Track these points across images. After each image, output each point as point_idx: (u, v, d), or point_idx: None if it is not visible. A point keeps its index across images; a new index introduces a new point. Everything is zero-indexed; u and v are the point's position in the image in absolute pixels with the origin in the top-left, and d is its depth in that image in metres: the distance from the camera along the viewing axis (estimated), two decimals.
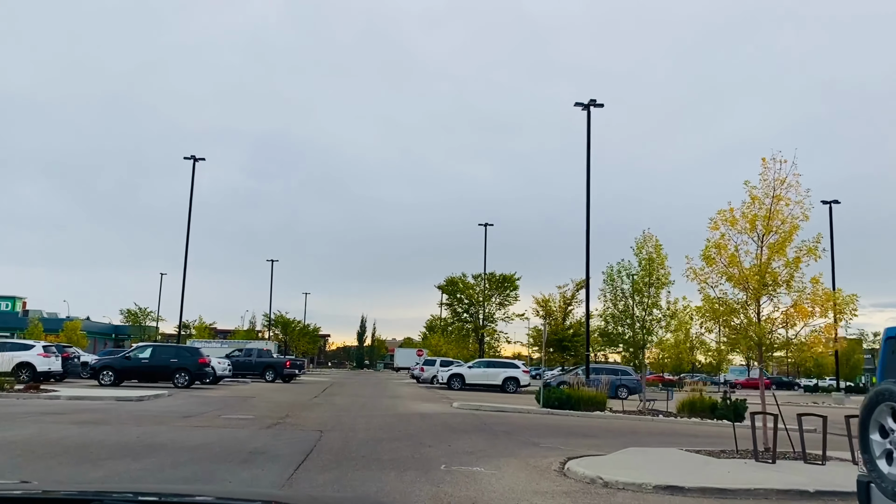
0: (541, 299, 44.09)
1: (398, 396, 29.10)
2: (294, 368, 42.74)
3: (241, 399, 23.67)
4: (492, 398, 30.75)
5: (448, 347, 69.73)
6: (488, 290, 44.45)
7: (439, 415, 19.55)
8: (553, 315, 43.60)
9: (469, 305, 45.55)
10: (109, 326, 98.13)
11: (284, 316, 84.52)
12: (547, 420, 19.71)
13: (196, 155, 41.83)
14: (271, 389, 31.69)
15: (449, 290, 46.44)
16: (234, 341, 57.21)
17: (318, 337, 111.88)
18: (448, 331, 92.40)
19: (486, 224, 53.40)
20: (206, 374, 30.74)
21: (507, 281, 47.66)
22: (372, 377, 72.84)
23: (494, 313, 46.74)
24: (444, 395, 32.14)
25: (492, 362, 39.71)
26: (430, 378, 45.18)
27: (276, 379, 40.81)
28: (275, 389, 31.86)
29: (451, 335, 48.75)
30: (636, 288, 22.94)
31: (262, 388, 32.24)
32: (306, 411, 19.43)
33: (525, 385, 38.77)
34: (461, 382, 38.19)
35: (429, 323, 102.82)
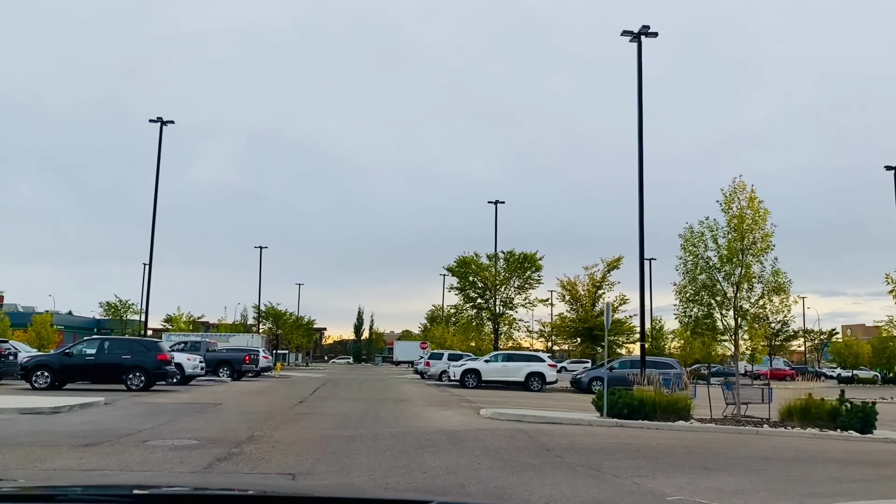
0: (566, 282, 38.31)
1: (406, 399, 23.29)
2: (253, 364, 36.79)
3: (200, 407, 17.83)
4: (521, 399, 24.99)
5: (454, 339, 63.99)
6: (506, 272, 38.58)
7: (472, 432, 13.74)
8: (580, 300, 37.87)
9: (484, 290, 40.00)
10: (91, 321, 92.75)
11: (275, 307, 78.60)
12: (624, 438, 13.93)
13: (163, 117, 35.89)
14: (247, 392, 25.85)
15: (460, 272, 40.58)
16: (217, 334, 51.42)
17: (312, 330, 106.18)
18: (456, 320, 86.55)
19: (497, 202, 47.77)
20: (168, 374, 24.88)
21: (528, 261, 41.35)
22: (370, 372, 67.03)
23: (513, 298, 41.74)
24: (460, 395, 26.37)
25: (512, 355, 33.95)
26: (437, 374, 39.40)
27: (232, 376, 34.96)
28: (252, 392, 26.02)
29: (462, 325, 42.61)
30: (726, 255, 17.17)
31: (238, 391, 26.43)
32: (282, 428, 13.62)
33: (552, 382, 33.05)
34: (477, 379, 32.44)
35: (430, 314, 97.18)
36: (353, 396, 24.31)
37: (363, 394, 26.32)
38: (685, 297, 17.46)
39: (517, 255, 40.17)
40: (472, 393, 28.48)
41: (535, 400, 25.77)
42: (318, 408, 18.75)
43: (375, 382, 37.96)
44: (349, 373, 60.91)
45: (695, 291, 17.44)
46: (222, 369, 35.03)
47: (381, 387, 32.73)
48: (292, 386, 31.67)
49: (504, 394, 29.05)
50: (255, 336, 48.51)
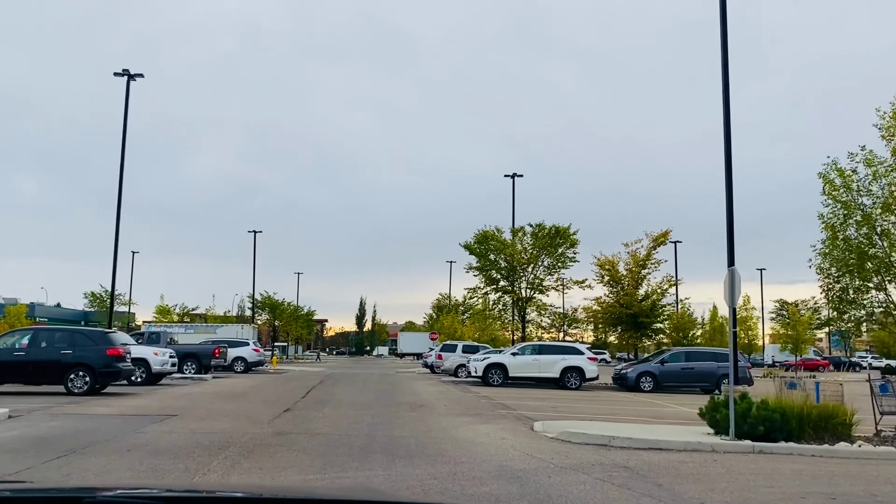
0: (604, 260, 32.80)
1: (424, 405, 18.03)
2: (222, 358, 31.52)
3: (140, 424, 12.55)
4: (566, 402, 19.80)
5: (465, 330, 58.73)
6: (534, 249, 33.05)
7: (549, 472, 8.46)
8: (621, 282, 32.61)
9: (508, 270, 35.48)
10: (79, 313, 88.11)
11: (272, 297, 73.35)
12: (791, 479, 8.65)
13: (129, 70, 30.52)
14: (222, 395, 20.57)
15: (479, 249, 35.02)
16: (204, 325, 46.26)
17: (312, 321, 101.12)
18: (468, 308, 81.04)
19: (514, 175, 42.52)
20: (120, 372, 19.66)
21: (560, 235, 34.50)
22: (374, 365, 61.84)
23: (543, 280, 35.62)
24: (490, 397, 21.12)
25: (545, 346, 28.63)
26: (452, 368, 34.15)
27: (199, 372, 29.87)
28: (228, 395, 20.74)
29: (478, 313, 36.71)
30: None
31: (211, 394, 21.18)
32: (242, 466, 8.36)
33: (592, 378, 27.78)
34: (503, 376, 27.18)
35: (437, 302, 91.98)
36: (356, 401, 19.05)
37: (368, 395, 21.07)
38: (832, 263, 12.10)
39: (547, 228, 34.45)
40: (501, 393, 23.25)
41: (585, 403, 20.54)
42: (308, 422, 13.49)
43: (381, 379, 32.74)
44: (351, 366, 55.75)
45: (843, 255, 12.08)
46: (188, 364, 29.80)
47: (388, 385, 27.51)
48: (283, 385, 26.45)
49: (540, 394, 23.83)
50: (245, 327, 43.38)
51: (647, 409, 18.80)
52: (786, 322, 65.30)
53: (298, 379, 31.10)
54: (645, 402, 21.68)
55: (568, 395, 24.20)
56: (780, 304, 79.74)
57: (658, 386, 27.13)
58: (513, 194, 41.64)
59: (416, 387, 26.07)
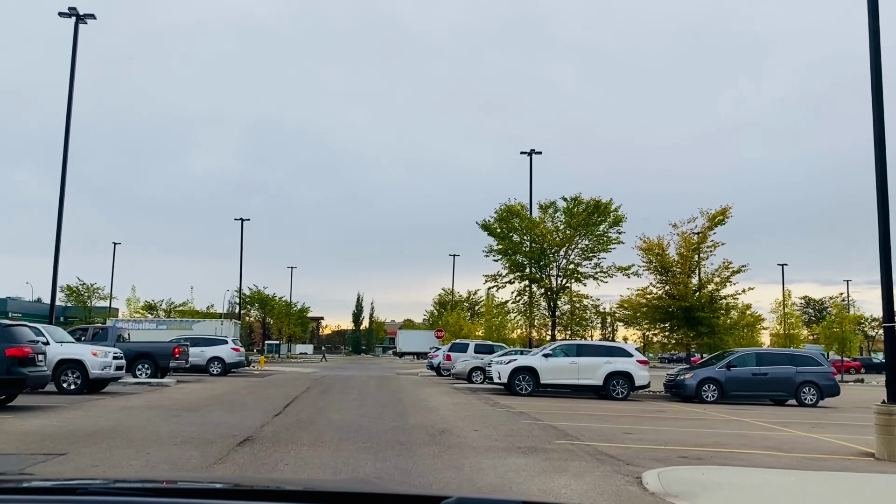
0: (651, 243, 27.04)
1: (447, 430, 12.71)
2: (183, 358, 26.15)
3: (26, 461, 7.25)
4: (641, 423, 14.55)
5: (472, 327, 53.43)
6: (567, 228, 27.38)
7: None
8: (671, 270, 27.54)
9: (539, 254, 28.66)
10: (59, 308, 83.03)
11: (262, 291, 67.98)
12: None
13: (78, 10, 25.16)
14: (167, 412, 15.17)
15: (500, 229, 29.20)
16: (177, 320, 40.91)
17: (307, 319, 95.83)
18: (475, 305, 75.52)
19: (532, 152, 37.32)
20: (27, 379, 14.39)
21: (599, 212, 28.25)
22: (372, 366, 56.52)
23: (579, 266, 29.11)
24: (528, 413, 15.82)
25: (585, 346, 23.24)
26: (465, 372, 28.92)
27: (155, 375, 24.67)
28: (176, 410, 15.34)
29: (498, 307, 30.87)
30: None
31: (154, 408, 15.82)
32: None
33: (643, 385, 22.57)
34: (533, 383, 21.92)
35: (440, 298, 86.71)
36: (349, 423, 13.71)
37: (366, 413, 15.70)
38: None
39: (584, 202, 28.47)
40: (537, 407, 17.98)
41: (656, 422, 15.29)
42: (270, 469, 8.19)
43: (382, 384, 27.45)
44: (346, 367, 50.40)
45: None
46: (141, 367, 24.52)
47: (391, 394, 22.20)
48: (259, 393, 21.16)
49: (587, 407, 18.59)
50: (226, 322, 38.09)
51: (757, 434, 13.52)
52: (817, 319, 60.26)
53: (282, 385, 25.81)
54: (731, 418, 16.42)
55: (621, 408, 18.95)
56: (806, 300, 74.77)
57: (723, 395, 21.95)
58: (530, 174, 36.49)
59: (427, 397, 20.75)
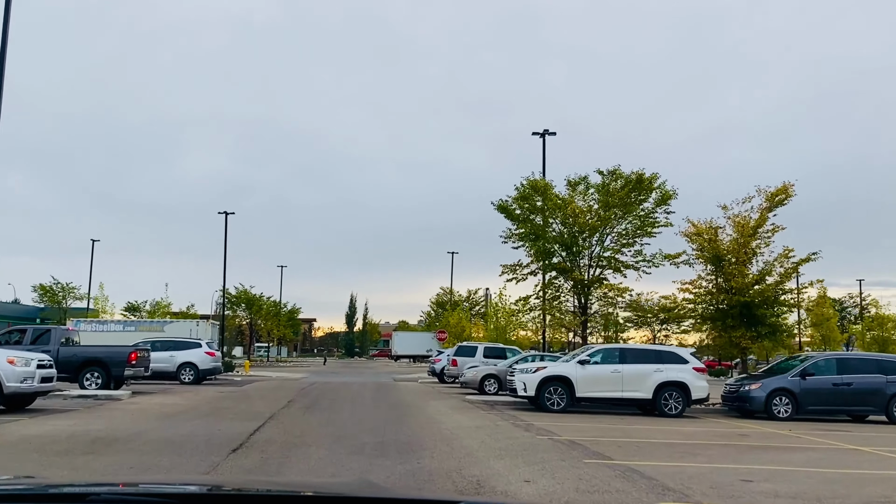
0: (702, 227, 22.26)
1: (489, 481, 8.55)
2: (142, 365, 21.80)
3: None
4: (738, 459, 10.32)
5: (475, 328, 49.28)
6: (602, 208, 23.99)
7: None
8: (724, 258, 21.87)
9: (570, 239, 23.43)
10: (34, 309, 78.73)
11: (249, 291, 63.60)
12: None
13: None
14: (82, 444, 10.84)
15: (521, 211, 24.74)
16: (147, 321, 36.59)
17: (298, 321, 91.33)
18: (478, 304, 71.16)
19: (545, 132, 33.24)
20: None
21: (642, 188, 23.37)
22: (366, 370, 52.29)
23: (618, 252, 24.08)
24: (580, 444, 11.58)
25: (629, 351, 18.91)
26: (476, 380, 24.74)
27: (107, 385, 20.40)
28: (95, 443, 11.01)
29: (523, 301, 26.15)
30: None
31: (83, 432, 11.54)
32: None
33: (701, 399, 18.43)
34: (567, 396, 17.73)
35: (438, 298, 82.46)
36: (338, 467, 9.42)
37: (362, 447, 11.36)
38: None
39: (624, 175, 23.54)
40: (583, 429, 13.82)
41: (748, 454, 11.12)
42: None
43: (379, 396, 23.22)
44: (339, 372, 46.17)
45: None
46: (90, 375, 20.27)
47: (390, 409, 17.94)
48: (224, 411, 16.86)
49: (641, 427, 14.42)
50: (202, 323, 33.83)
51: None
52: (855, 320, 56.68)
53: (259, 396, 21.57)
54: (847, 446, 12.29)
55: (687, 430, 14.81)
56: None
57: (797, 409, 17.86)
58: (543, 157, 32.47)
59: (438, 415, 16.49)
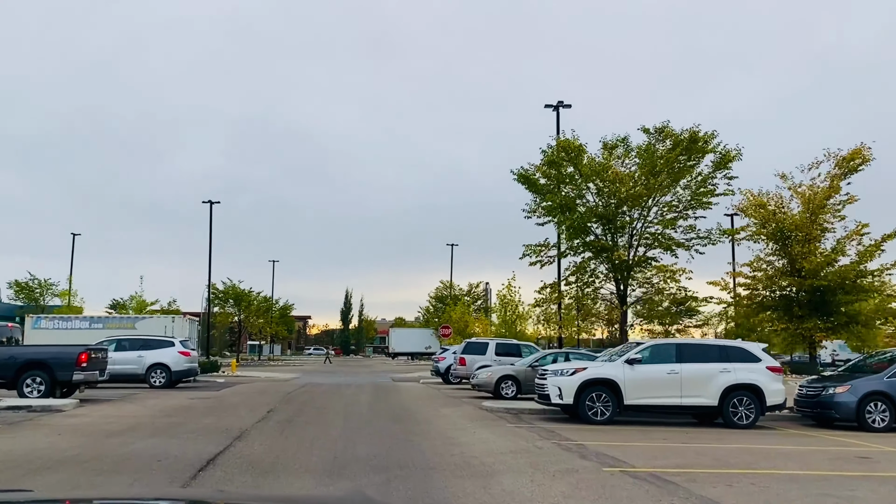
0: (768, 197, 18.00)
1: None
2: (95, 367, 18.16)
3: None
4: None
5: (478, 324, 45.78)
6: (644, 174, 19.09)
7: None
8: (788, 231, 18.08)
9: (612, 211, 19.41)
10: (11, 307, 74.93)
11: (237, 286, 59.91)
12: None
13: None
14: None
15: (548, 180, 20.69)
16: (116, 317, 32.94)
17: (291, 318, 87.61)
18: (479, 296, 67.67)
19: (559, 104, 29.70)
20: None
21: (695, 147, 19.09)
22: (362, 369, 48.71)
23: (671, 224, 19.71)
24: (671, 479, 8.10)
25: (688, 347, 15.25)
26: (491, 383, 21.20)
27: (51, 393, 16.83)
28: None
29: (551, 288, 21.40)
30: None
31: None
32: None
33: (777, 405, 14.90)
34: (613, 403, 14.22)
35: (437, 292, 78.84)
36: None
37: (356, 486, 7.85)
38: None
39: (674, 133, 19.17)
40: (652, 453, 10.34)
41: (888, 486, 7.63)
42: None
43: (378, 403, 19.66)
44: (333, 372, 42.59)
45: None
46: (31, 381, 16.69)
47: (394, 421, 14.38)
48: (186, 427, 13.25)
49: (720, 447, 10.91)
50: (178, 319, 30.22)
51: None
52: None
53: (236, 405, 17.95)
54: None
55: (783, 450, 11.32)
56: None
57: None
58: (557, 131, 28.97)
59: (456, 431, 12.89)
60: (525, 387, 21.03)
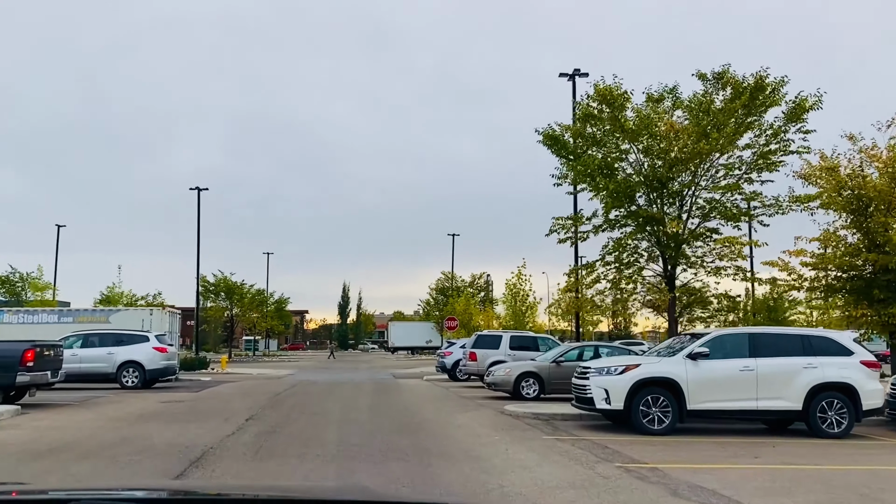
0: (828, 162, 15.33)
1: None
2: (44, 368, 15.35)
3: None
4: None
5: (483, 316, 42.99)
6: (707, 128, 15.43)
7: None
8: (867, 200, 14.11)
9: (665, 174, 16.03)
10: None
11: (229, 279, 57.01)
12: None
13: None
14: None
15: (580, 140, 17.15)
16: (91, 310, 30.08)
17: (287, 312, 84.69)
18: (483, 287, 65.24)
19: (576, 73, 26.98)
20: None
21: (762, 97, 15.77)
22: (361, 365, 45.96)
23: (737, 188, 16.40)
24: None
25: (763, 337, 12.40)
26: (508, 382, 18.32)
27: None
28: None
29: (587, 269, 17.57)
30: None
31: None
32: None
33: (874, 410, 12.05)
34: (673, 408, 11.41)
35: (438, 284, 75.94)
36: None
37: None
38: None
39: (736, 79, 15.85)
40: (739, 476, 7.51)
41: None
42: None
43: (380, 406, 16.80)
44: (328, 368, 39.81)
45: None
46: None
47: (399, 433, 11.53)
48: (138, 444, 10.38)
49: (852, 472, 8.12)
50: (156, 312, 27.27)
51: None
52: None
53: (208, 412, 15.06)
54: None
55: None
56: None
57: None
58: (573, 100, 26.19)
59: (481, 447, 10.01)
60: (549, 386, 18.23)
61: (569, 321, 54.28)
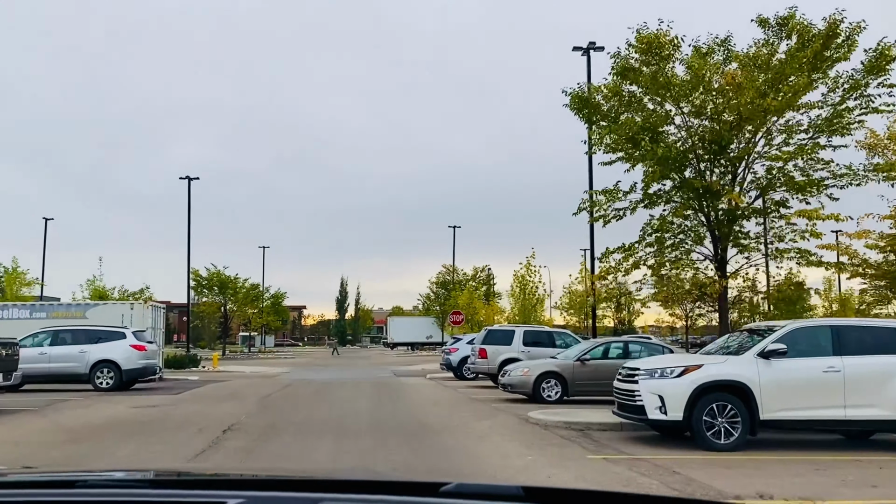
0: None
1: None
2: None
3: None
4: None
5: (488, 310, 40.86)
6: (775, 77, 12.91)
7: None
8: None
9: (725, 136, 13.36)
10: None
11: (222, 272, 54.78)
12: None
13: None
14: None
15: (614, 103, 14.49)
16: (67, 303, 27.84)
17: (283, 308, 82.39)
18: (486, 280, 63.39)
19: (591, 46, 24.97)
20: None
21: (835, 46, 13.13)
22: (359, 361, 43.80)
23: (810, 150, 13.70)
24: None
25: (849, 331, 10.22)
26: (528, 384, 16.13)
27: None
28: None
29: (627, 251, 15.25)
30: None
31: None
32: None
33: None
34: (743, 418, 9.26)
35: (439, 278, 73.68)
36: None
37: None
38: None
39: (804, 24, 13.24)
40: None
41: None
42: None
43: (381, 413, 14.64)
44: (326, 365, 37.69)
45: None
46: None
47: (406, 447, 9.42)
48: (82, 465, 8.31)
49: None
50: (137, 307, 25.08)
51: None
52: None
53: (182, 421, 12.89)
54: None
55: None
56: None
57: None
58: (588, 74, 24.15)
59: (512, 471, 7.91)
60: (573, 388, 16.10)
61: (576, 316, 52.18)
